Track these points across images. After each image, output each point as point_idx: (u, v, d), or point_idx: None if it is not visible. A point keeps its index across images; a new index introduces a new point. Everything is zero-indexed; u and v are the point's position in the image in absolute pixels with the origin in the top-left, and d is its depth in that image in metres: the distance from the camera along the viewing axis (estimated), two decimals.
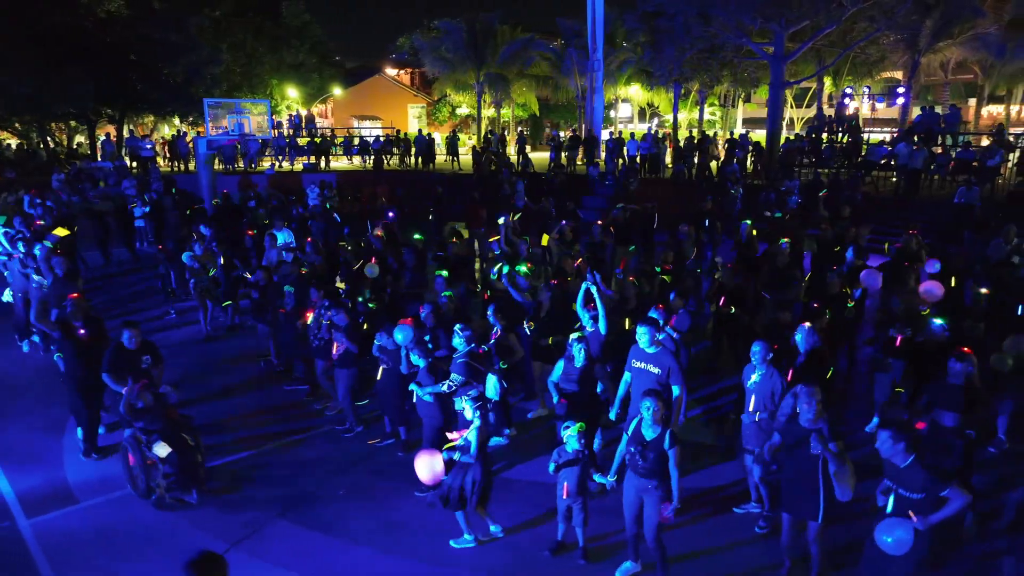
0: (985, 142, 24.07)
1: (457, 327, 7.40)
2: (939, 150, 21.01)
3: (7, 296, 11.70)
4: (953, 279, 10.05)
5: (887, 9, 21.87)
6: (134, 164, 25.55)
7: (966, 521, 6.39)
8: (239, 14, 33.09)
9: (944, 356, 7.13)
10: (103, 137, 28.32)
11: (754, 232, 12.68)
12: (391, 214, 15.46)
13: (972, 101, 33.27)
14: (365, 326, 9.26)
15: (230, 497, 7.31)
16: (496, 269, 9.97)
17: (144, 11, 26.69)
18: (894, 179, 21.12)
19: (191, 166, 25.87)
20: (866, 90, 29.62)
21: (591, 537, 6.34)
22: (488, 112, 35.28)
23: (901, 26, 22.90)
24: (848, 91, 28.77)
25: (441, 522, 6.80)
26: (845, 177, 20.67)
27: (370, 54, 55.97)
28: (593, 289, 7.82)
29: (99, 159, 26.69)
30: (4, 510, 7.09)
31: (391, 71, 49.92)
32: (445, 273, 9.43)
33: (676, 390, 6.76)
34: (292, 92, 35.49)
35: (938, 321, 7.73)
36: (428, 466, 6.09)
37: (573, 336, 6.94)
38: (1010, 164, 19.67)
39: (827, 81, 29.96)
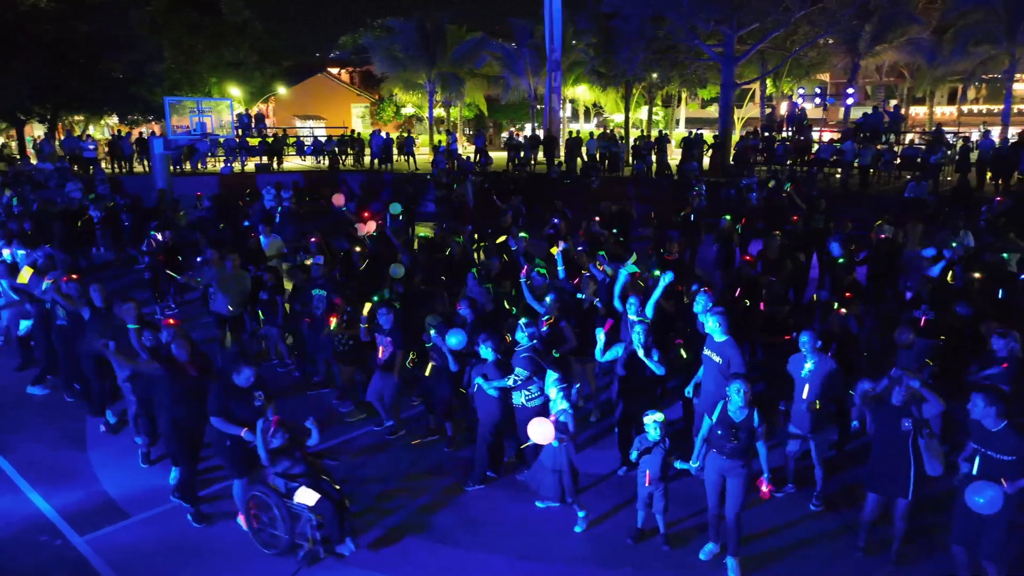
0: (909, 137, 25.74)
1: (521, 322, 7.33)
2: (879, 147, 22.26)
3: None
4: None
5: (831, 14, 23.08)
6: (75, 165, 24.22)
7: None
8: (174, 9, 31.84)
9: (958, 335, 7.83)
10: (40, 136, 26.72)
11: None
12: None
13: (892, 102, 35.33)
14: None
15: None
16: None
17: (73, 5, 25.37)
18: (838, 175, 22.34)
19: (136, 167, 24.74)
20: (818, 90, 31.03)
21: (667, 523, 6.49)
22: (436, 111, 35.08)
23: (843, 30, 24.18)
24: (801, 92, 30.12)
25: (516, 517, 6.85)
26: (800, 174, 21.72)
27: (306, 51, 54.79)
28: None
29: (34, 160, 25.18)
30: (51, 529, 6.71)
31: (331, 70, 48.85)
32: (475, 271, 9.40)
33: None
34: (235, 91, 34.31)
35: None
36: (542, 433, 6.22)
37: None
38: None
39: (768, 83, 31.25)
